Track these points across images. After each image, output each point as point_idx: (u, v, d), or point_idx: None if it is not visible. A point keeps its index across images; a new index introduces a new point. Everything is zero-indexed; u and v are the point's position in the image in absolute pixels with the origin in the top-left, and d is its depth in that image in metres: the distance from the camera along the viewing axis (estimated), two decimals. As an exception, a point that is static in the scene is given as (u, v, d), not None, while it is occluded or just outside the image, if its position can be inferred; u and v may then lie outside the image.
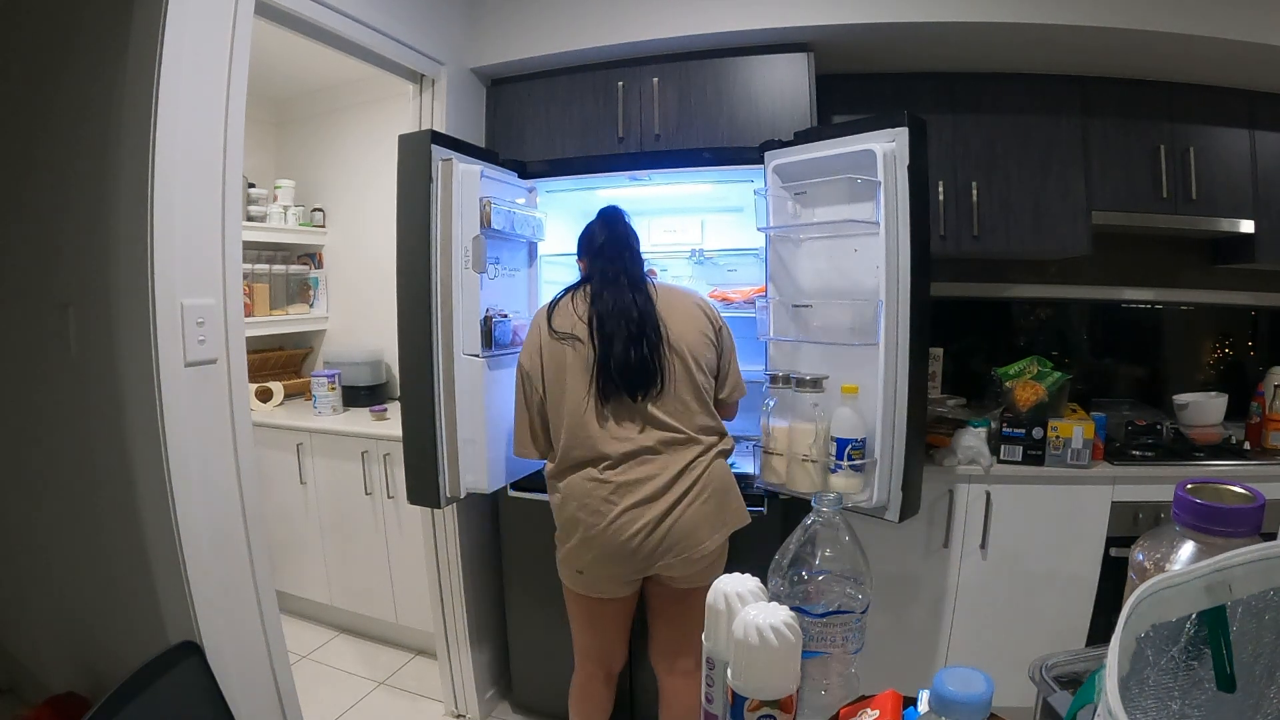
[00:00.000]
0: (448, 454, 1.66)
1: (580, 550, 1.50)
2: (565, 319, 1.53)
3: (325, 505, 2.54)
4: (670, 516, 1.45)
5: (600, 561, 1.49)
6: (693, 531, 1.47)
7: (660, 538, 1.45)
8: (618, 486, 1.46)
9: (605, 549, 1.47)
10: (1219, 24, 1.76)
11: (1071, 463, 1.90)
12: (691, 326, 1.54)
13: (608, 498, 1.46)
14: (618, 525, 1.45)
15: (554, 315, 1.55)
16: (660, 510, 1.45)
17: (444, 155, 1.62)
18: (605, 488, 1.47)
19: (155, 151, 1.16)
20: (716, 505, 1.50)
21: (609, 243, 1.58)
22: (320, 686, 2.30)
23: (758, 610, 0.65)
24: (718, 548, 1.51)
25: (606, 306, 1.49)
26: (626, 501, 1.45)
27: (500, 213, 1.69)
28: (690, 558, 1.47)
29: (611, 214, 1.64)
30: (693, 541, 1.47)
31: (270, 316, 2.82)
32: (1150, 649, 0.41)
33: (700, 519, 1.48)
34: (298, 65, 2.58)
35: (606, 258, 1.56)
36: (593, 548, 1.48)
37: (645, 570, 1.49)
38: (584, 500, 1.48)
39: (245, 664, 1.37)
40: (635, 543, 1.44)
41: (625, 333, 1.47)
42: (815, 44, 1.90)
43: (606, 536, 1.46)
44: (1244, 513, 0.50)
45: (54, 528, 1.60)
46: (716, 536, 1.50)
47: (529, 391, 1.56)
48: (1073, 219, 2.09)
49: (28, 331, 1.53)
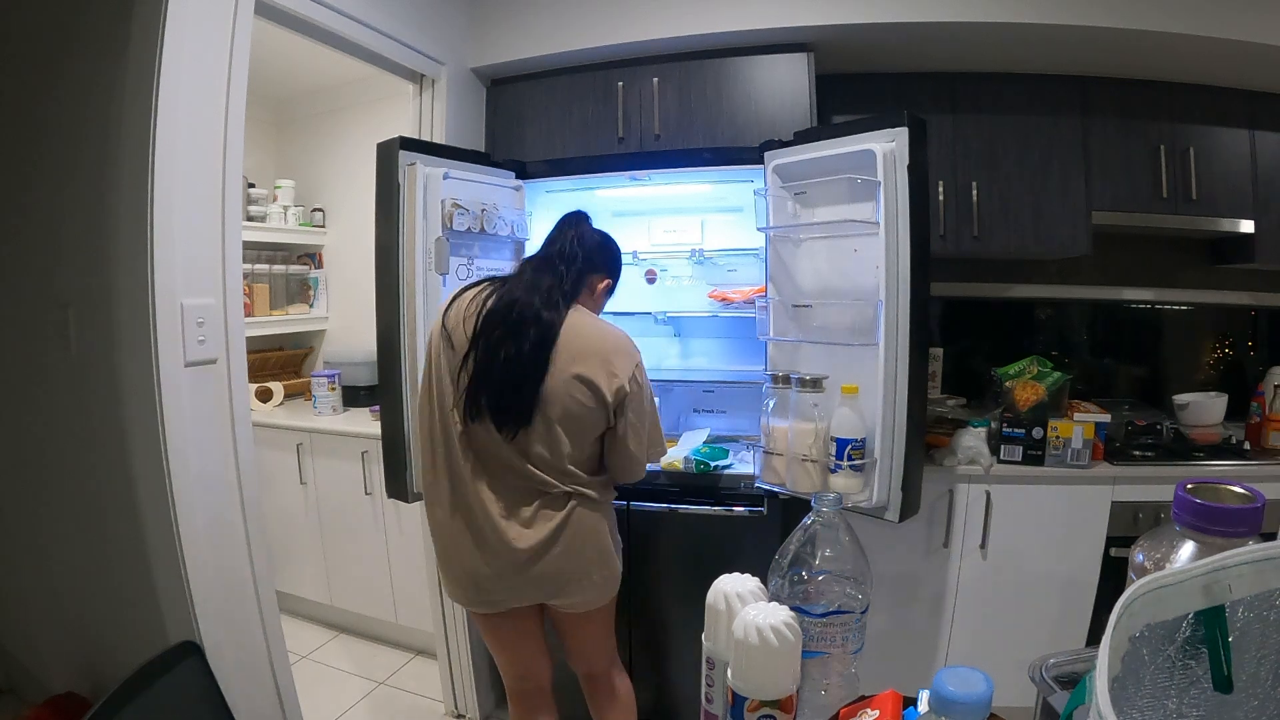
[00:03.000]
0: (415, 451, 1.67)
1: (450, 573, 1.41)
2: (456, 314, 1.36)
3: (325, 505, 2.54)
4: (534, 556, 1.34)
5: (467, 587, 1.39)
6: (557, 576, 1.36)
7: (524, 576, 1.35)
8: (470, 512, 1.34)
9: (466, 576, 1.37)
10: (1219, 24, 1.76)
11: (1071, 463, 1.90)
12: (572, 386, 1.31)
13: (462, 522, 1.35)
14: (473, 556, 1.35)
15: (451, 308, 1.38)
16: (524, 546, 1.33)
17: (410, 160, 1.64)
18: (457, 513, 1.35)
19: (155, 151, 1.16)
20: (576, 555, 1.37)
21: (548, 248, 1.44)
22: (320, 686, 2.30)
23: (758, 610, 0.65)
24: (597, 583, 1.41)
25: (498, 314, 1.31)
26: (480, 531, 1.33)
27: (470, 213, 1.69)
28: (560, 592, 1.39)
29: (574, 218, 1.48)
30: (557, 584, 1.37)
31: (270, 316, 2.81)
32: (1146, 648, 0.41)
33: (560, 568, 1.36)
34: (298, 65, 2.58)
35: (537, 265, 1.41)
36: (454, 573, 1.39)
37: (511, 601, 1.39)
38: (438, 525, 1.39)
39: (245, 664, 1.37)
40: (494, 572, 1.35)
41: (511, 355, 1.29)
42: (815, 44, 1.90)
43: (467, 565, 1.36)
44: (1244, 513, 0.50)
45: (54, 528, 1.60)
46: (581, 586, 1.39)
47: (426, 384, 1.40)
48: (1073, 219, 2.09)
49: (28, 331, 1.53)
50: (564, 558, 1.36)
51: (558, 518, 1.35)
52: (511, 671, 1.54)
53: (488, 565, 1.35)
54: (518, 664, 1.52)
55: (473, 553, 1.36)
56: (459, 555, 1.38)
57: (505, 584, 1.37)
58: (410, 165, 1.64)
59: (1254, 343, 2.46)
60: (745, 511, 1.78)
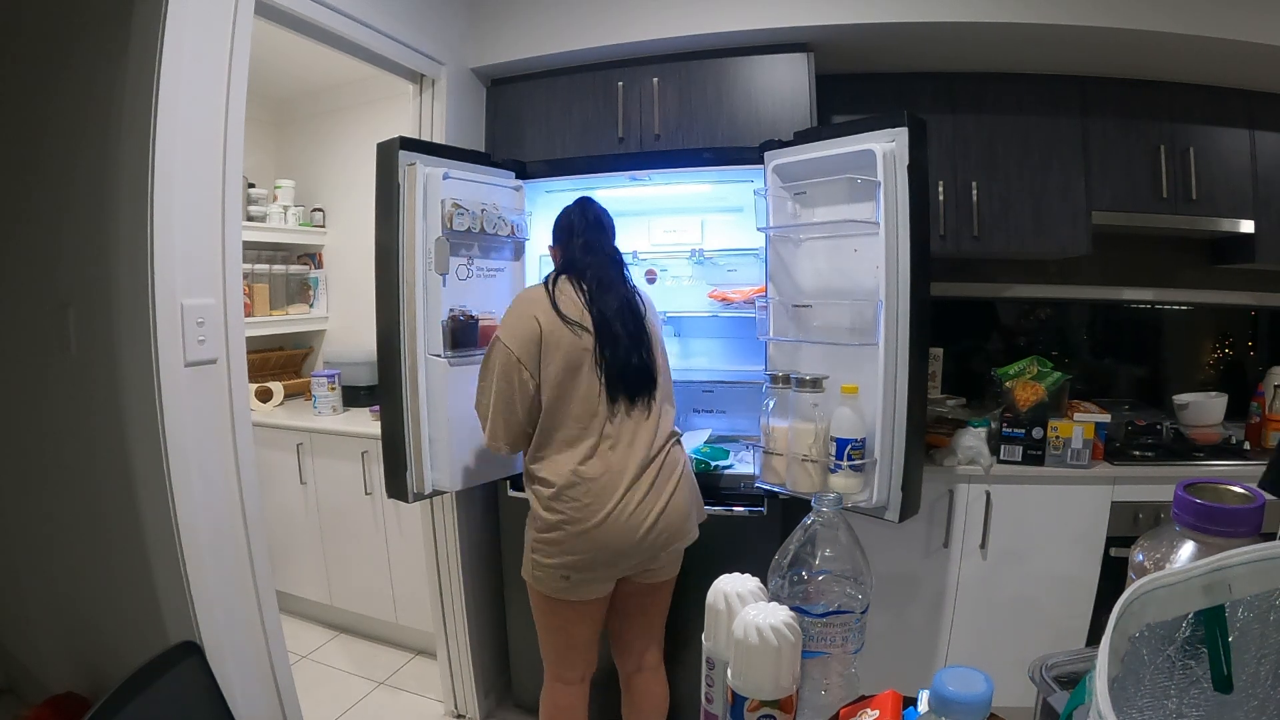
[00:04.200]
0: (414, 451, 1.68)
1: (577, 548, 1.43)
2: (572, 307, 1.49)
3: (325, 505, 2.54)
4: (670, 508, 1.48)
5: (599, 559, 1.44)
6: (683, 521, 1.52)
7: (663, 529, 1.47)
8: (621, 480, 1.45)
9: (611, 542, 1.44)
10: (1219, 24, 1.76)
11: (1071, 463, 1.90)
12: (658, 331, 1.61)
13: (613, 491, 1.44)
14: (631, 517, 1.44)
15: (559, 300, 1.48)
16: (663, 502, 1.47)
17: (409, 160, 1.64)
18: (609, 483, 1.44)
19: (155, 151, 1.16)
20: (692, 492, 1.57)
21: (594, 235, 1.57)
22: (320, 686, 2.30)
23: (758, 610, 0.65)
24: (694, 536, 1.57)
25: (610, 306, 1.49)
26: (638, 494, 1.45)
27: (469, 213, 1.70)
28: (679, 549, 1.52)
29: (590, 201, 1.63)
30: (684, 531, 1.53)
31: (270, 316, 2.81)
32: (1145, 648, 0.41)
33: (687, 507, 1.53)
34: (298, 65, 2.58)
35: (596, 251, 1.56)
36: (594, 544, 1.43)
37: (648, 563, 1.50)
38: (591, 493, 1.43)
39: (245, 664, 1.36)
40: (647, 536, 1.45)
41: (628, 336, 1.49)
42: (815, 44, 1.90)
43: (617, 528, 1.43)
44: (1244, 513, 0.50)
45: (54, 527, 1.60)
46: (695, 530, 1.56)
47: (517, 379, 1.45)
48: (1073, 219, 2.09)
49: (28, 331, 1.53)
50: (687, 498, 1.54)
51: (681, 462, 1.55)
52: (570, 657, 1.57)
53: (632, 530, 1.44)
54: (579, 648, 1.56)
55: (616, 519, 1.43)
56: (601, 525, 1.43)
57: (643, 547, 1.46)
58: (410, 165, 1.64)
59: (1254, 343, 2.46)
60: (745, 511, 1.78)
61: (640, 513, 1.45)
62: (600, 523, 1.43)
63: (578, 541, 1.44)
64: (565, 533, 1.45)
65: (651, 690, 1.64)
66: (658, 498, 1.47)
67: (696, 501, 1.59)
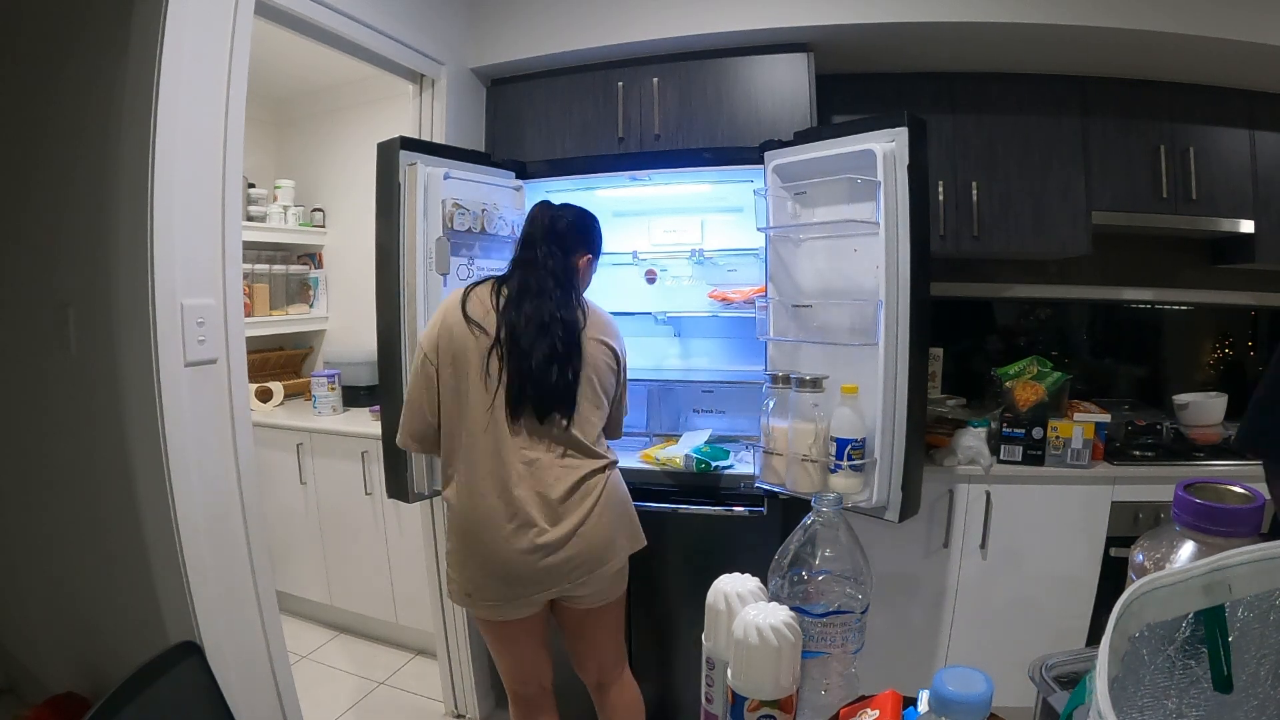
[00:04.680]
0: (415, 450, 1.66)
1: (472, 570, 1.39)
2: (478, 308, 1.41)
3: (325, 505, 2.54)
4: (579, 535, 1.38)
5: (495, 582, 1.38)
6: (600, 549, 1.41)
7: (569, 556, 1.37)
8: (515, 502, 1.36)
9: (501, 568, 1.36)
10: (1219, 24, 1.76)
11: (1071, 463, 1.90)
12: (601, 352, 1.46)
13: (506, 512, 1.36)
14: (514, 545, 1.35)
15: (468, 303, 1.41)
16: (567, 529, 1.37)
17: (410, 159, 1.64)
18: (502, 503, 1.36)
19: (155, 151, 1.16)
20: (615, 522, 1.44)
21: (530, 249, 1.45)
22: (320, 686, 2.30)
23: (758, 610, 0.65)
24: (620, 568, 1.47)
25: (524, 316, 1.38)
26: (524, 518, 1.35)
27: (470, 213, 1.69)
28: (594, 575, 1.41)
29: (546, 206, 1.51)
30: (597, 559, 1.41)
31: (270, 316, 2.81)
32: (1145, 648, 0.41)
33: (606, 534, 1.42)
34: (298, 65, 2.58)
35: (528, 262, 1.44)
36: (485, 567, 1.37)
37: (544, 593, 1.40)
38: (477, 517, 1.37)
39: (245, 664, 1.36)
40: (535, 561, 1.36)
41: (544, 349, 1.36)
42: (815, 44, 1.90)
43: (503, 555, 1.36)
44: (1244, 513, 0.50)
45: (54, 527, 1.60)
46: (618, 559, 1.45)
47: (423, 374, 1.41)
48: (1072, 219, 2.09)
49: (28, 331, 1.53)
50: (606, 526, 1.42)
51: (598, 488, 1.43)
52: (516, 675, 1.53)
53: (525, 556, 1.35)
54: (523, 666, 1.51)
55: (507, 543, 1.35)
56: (491, 548, 1.36)
57: (540, 575, 1.37)
58: (411, 165, 1.64)
59: (1254, 343, 2.46)
60: (745, 511, 1.78)
61: (531, 538, 1.35)
62: (487, 545, 1.36)
63: (468, 562, 1.40)
64: (459, 553, 1.41)
65: (617, 701, 1.59)
66: (558, 523, 1.37)
67: (624, 527, 1.47)
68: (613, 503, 1.45)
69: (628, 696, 1.60)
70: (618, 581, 1.50)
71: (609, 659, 1.57)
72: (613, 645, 1.57)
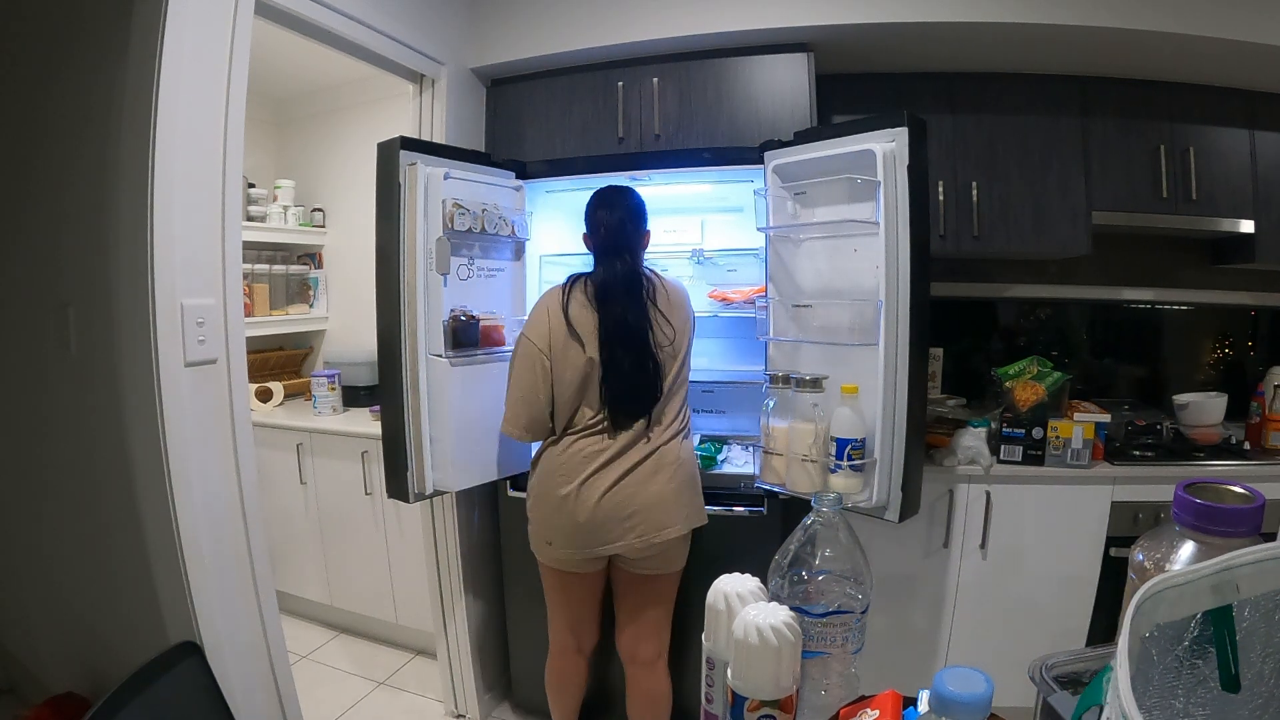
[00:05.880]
0: (415, 451, 1.68)
1: (550, 519, 1.56)
2: (580, 314, 1.56)
3: (325, 505, 2.54)
4: (646, 495, 1.51)
5: (565, 531, 1.54)
6: (660, 513, 1.53)
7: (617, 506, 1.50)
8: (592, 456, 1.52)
9: (571, 518, 1.52)
10: (1219, 24, 1.76)
11: (1071, 463, 1.90)
12: (684, 325, 1.62)
13: (580, 465, 1.52)
14: (584, 493, 1.51)
15: (570, 305, 1.57)
16: (633, 489, 1.51)
17: (410, 159, 1.64)
18: (579, 457, 1.53)
19: (155, 151, 1.16)
20: (681, 488, 1.56)
21: (608, 235, 1.59)
22: (320, 686, 2.30)
23: (758, 610, 0.65)
24: (679, 539, 1.57)
25: (613, 318, 1.54)
26: (591, 467, 1.51)
27: (470, 213, 1.70)
28: (650, 540, 1.51)
29: (610, 195, 1.63)
30: (657, 522, 1.52)
31: (270, 316, 2.81)
32: (1154, 648, 0.41)
33: (671, 500, 1.54)
34: (298, 65, 2.58)
35: (606, 254, 1.59)
36: (561, 515, 1.53)
37: (603, 542, 1.53)
38: (559, 469, 1.54)
39: (245, 664, 1.36)
40: (606, 513, 1.50)
41: (632, 353, 1.53)
42: (815, 44, 1.90)
43: (574, 504, 1.51)
44: (1244, 513, 0.50)
45: (54, 528, 1.60)
46: (677, 527, 1.55)
47: (540, 367, 1.56)
48: (1073, 219, 2.09)
49: (28, 331, 1.53)
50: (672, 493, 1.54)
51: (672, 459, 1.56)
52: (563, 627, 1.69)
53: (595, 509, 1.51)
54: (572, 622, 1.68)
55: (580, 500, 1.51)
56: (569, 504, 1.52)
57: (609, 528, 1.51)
58: (411, 165, 1.64)
59: (1254, 343, 2.46)
60: (745, 511, 1.78)
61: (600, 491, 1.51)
62: (553, 502, 1.54)
63: (547, 515, 1.57)
64: (535, 504, 1.60)
65: (643, 685, 1.66)
66: (630, 483, 1.51)
67: (690, 500, 1.59)
68: (684, 474, 1.58)
69: (656, 685, 1.66)
70: (676, 553, 1.59)
71: (646, 633, 1.64)
72: (652, 622, 1.65)
